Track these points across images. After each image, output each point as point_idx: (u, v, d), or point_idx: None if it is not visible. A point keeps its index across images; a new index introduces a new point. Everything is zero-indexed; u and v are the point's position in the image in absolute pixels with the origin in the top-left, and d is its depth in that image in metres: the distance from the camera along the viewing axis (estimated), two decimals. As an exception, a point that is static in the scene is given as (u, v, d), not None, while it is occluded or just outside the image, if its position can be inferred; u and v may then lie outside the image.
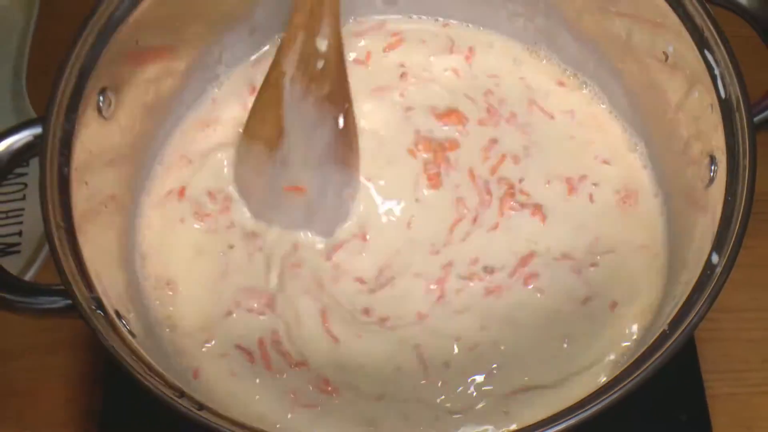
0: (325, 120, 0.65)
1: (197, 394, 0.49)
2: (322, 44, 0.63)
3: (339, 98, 0.65)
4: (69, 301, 0.52)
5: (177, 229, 0.68)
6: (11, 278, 0.54)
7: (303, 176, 0.66)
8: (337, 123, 0.65)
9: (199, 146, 0.72)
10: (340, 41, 0.64)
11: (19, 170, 0.80)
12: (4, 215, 0.79)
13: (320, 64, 0.63)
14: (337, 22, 0.63)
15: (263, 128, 0.66)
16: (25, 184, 0.81)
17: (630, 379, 0.47)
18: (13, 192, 0.81)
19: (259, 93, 0.66)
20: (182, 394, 0.48)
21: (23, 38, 0.90)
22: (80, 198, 0.56)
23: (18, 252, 0.78)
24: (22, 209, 0.80)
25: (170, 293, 0.65)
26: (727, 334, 0.75)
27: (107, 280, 0.56)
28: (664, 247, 0.66)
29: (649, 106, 0.68)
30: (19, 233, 0.79)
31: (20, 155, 0.56)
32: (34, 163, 0.76)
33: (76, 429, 0.72)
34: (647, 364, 0.48)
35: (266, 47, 0.75)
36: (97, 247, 0.57)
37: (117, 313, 0.53)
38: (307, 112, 0.64)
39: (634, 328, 0.62)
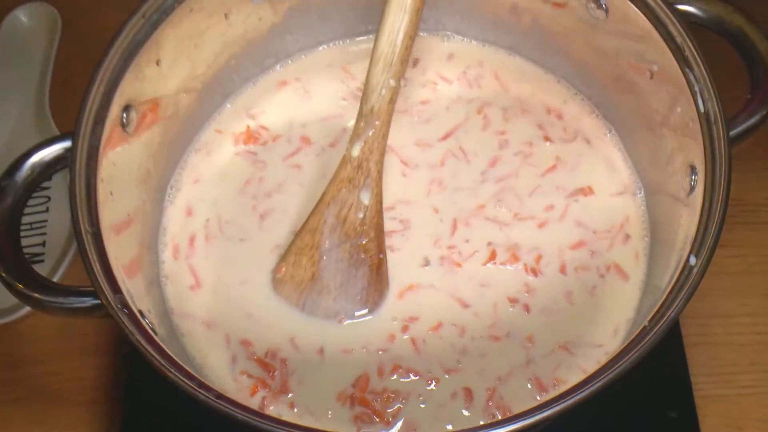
0: (359, 267, 0.66)
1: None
2: (366, 197, 0.65)
3: (374, 247, 0.66)
4: (97, 301, 0.55)
5: (200, 241, 0.71)
6: (44, 280, 0.57)
7: (330, 309, 0.67)
8: (370, 271, 0.66)
9: (215, 162, 0.75)
10: (381, 192, 0.66)
11: (42, 184, 0.83)
12: (28, 227, 0.82)
13: (360, 214, 0.65)
14: (380, 176, 0.65)
15: (296, 271, 0.66)
16: (48, 197, 0.84)
17: (615, 367, 0.50)
18: (37, 205, 0.84)
19: (297, 238, 0.67)
20: (201, 384, 0.51)
21: (47, 57, 0.94)
22: (106, 207, 0.59)
23: (42, 261, 0.81)
24: (45, 221, 0.83)
25: (188, 301, 0.68)
26: (718, 338, 0.77)
27: (130, 282, 0.59)
28: (647, 250, 0.69)
29: (637, 120, 0.71)
30: (43, 244, 0.82)
31: (51, 167, 0.59)
32: (57, 177, 0.80)
33: (99, 429, 0.74)
34: (629, 355, 0.51)
35: (278, 66, 0.79)
36: (122, 252, 0.60)
37: (140, 312, 0.56)
38: (342, 259, 0.66)
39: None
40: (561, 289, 0.68)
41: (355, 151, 0.64)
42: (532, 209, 0.71)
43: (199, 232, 0.71)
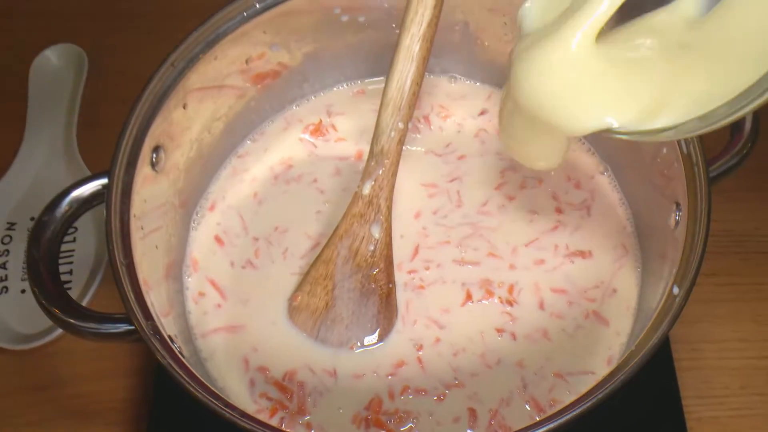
0: (369, 296, 0.69)
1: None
2: (376, 231, 0.68)
3: (384, 278, 0.69)
4: (130, 327, 0.59)
5: (222, 270, 0.75)
6: (80, 307, 0.61)
7: (343, 336, 0.70)
8: (380, 300, 0.70)
9: (237, 194, 0.79)
10: (390, 226, 0.69)
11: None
12: (58, 255, 0.87)
13: (371, 247, 0.68)
14: (389, 211, 0.68)
15: (311, 300, 0.70)
16: (76, 228, 0.88)
17: (604, 388, 0.54)
18: (66, 235, 0.87)
19: (312, 268, 0.70)
20: (227, 404, 0.55)
21: (74, 95, 0.97)
22: (137, 240, 0.64)
23: (69, 289, 0.84)
24: (73, 250, 0.87)
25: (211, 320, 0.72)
26: (711, 362, 0.80)
27: (159, 308, 0.63)
28: (639, 283, 0.73)
29: (629, 161, 0.75)
30: (70, 272, 0.85)
31: (87, 203, 0.63)
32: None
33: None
34: (617, 377, 0.54)
35: (294, 106, 0.84)
36: (151, 281, 0.64)
37: (170, 337, 0.60)
38: (354, 289, 0.69)
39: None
40: (539, 324, 0.71)
41: (366, 189, 0.67)
42: (511, 256, 0.74)
43: (220, 256, 0.76)
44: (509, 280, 0.73)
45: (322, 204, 0.78)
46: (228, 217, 0.78)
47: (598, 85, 0.50)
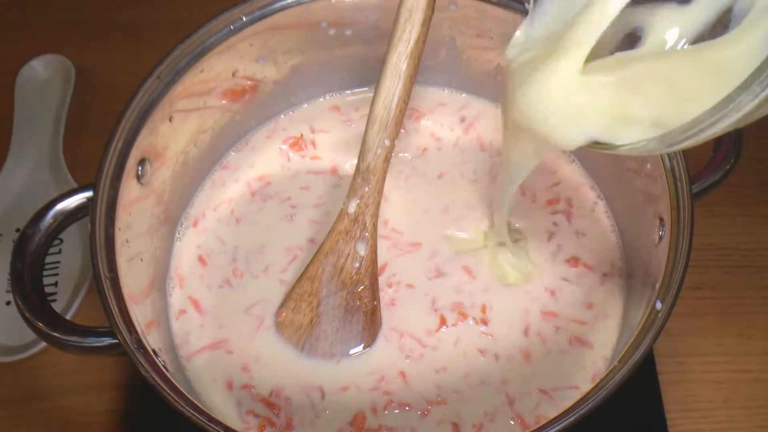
0: (354, 313, 0.69)
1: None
2: (362, 248, 0.68)
3: (369, 295, 0.69)
4: (114, 340, 0.58)
5: (204, 290, 0.74)
6: (63, 321, 0.60)
7: (327, 352, 0.70)
8: (365, 317, 0.70)
9: (217, 214, 0.78)
10: (376, 243, 0.69)
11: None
12: (42, 267, 0.87)
13: (356, 264, 0.68)
14: (375, 228, 0.68)
15: (296, 317, 0.70)
16: (62, 240, 0.88)
17: (587, 403, 0.54)
18: (52, 247, 0.86)
19: (297, 285, 0.70)
20: (211, 418, 0.55)
21: (61, 106, 0.97)
22: (122, 253, 0.63)
23: (55, 300, 0.84)
24: (59, 262, 0.87)
25: (194, 337, 0.72)
26: (695, 376, 0.80)
27: (144, 322, 0.62)
28: (624, 297, 0.73)
29: (613, 175, 0.75)
30: (56, 284, 0.85)
31: (72, 216, 0.63)
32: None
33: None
34: (600, 392, 0.55)
35: (281, 115, 0.84)
36: (136, 294, 0.64)
37: (154, 351, 0.60)
38: (339, 306, 0.69)
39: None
40: (521, 343, 0.71)
41: (351, 208, 0.67)
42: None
43: (203, 276, 0.75)
44: (482, 299, 0.73)
45: (298, 219, 0.78)
46: (209, 238, 0.77)
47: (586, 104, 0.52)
